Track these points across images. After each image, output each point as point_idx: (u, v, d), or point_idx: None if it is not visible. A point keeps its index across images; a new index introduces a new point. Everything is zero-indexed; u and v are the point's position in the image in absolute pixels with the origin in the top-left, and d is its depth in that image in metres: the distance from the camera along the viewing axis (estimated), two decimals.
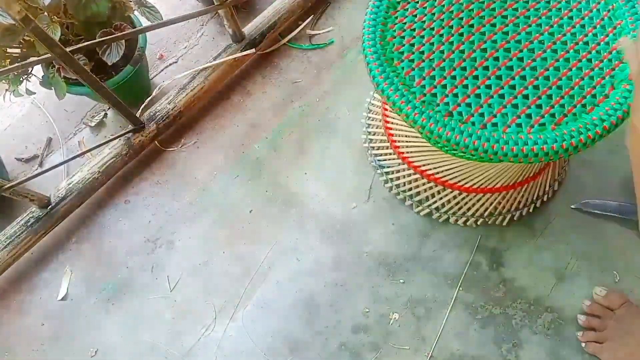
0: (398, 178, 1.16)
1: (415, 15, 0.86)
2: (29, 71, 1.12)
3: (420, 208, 1.15)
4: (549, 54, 0.82)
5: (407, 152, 1.08)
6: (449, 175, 1.04)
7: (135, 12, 1.15)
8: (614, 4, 0.86)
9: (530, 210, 1.14)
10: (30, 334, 1.16)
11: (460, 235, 1.14)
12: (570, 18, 0.85)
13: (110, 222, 1.25)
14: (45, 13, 1.02)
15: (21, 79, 1.11)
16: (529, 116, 0.77)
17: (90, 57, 1.14)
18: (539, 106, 0.78)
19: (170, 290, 1.17)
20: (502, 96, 0.79)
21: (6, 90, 1.10)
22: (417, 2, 0.87)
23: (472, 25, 0.84)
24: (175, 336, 1.13)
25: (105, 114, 1.37)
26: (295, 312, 1.12)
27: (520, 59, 0.81)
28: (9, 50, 1.05)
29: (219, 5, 1.16)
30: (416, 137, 1.01)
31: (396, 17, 0.86)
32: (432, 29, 0.85)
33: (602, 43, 0.82)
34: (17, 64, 0.99)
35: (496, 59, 0.82)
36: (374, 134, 1.21)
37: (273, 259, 1.17)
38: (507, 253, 1.12)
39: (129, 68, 1.19)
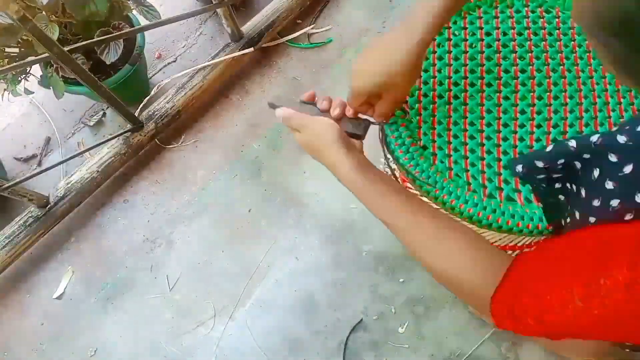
0: None
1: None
2: (28, 71, 1.12)
3: None
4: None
5: None
6: None
7: (134, 11, 1.15)
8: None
9: None
10: (30, 334, 1.16)
11: None
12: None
13: (109, 221, 1.25)
14: (44, 12, 1.01)
15: (20, 79, 1.11)
16: None
17: (88, 56, 1.14)
18: None
19: (169, 290, 1.17)
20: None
21: (5, 89, 1.09)
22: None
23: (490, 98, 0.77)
24: (174, 335, 1.13)
25: (104, 113, 1.37)
26: (294, 311, 1.12)
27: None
28: (7, 49, 1.05)
29: (218, 4, 1.16)
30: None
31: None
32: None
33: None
34: (15, 64, 0.99)
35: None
36: None
37: (272, 258, 1.17)
38: None
39: (127, 67, 1.19)
